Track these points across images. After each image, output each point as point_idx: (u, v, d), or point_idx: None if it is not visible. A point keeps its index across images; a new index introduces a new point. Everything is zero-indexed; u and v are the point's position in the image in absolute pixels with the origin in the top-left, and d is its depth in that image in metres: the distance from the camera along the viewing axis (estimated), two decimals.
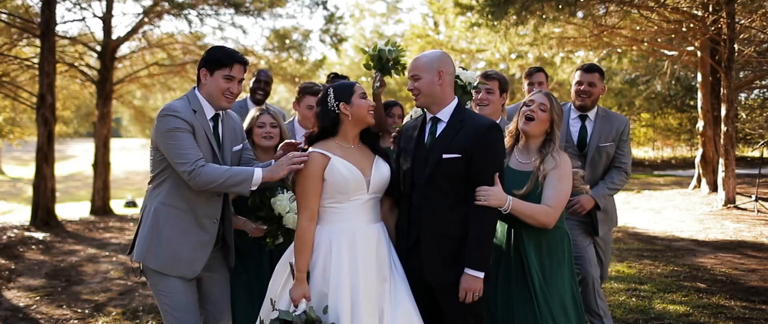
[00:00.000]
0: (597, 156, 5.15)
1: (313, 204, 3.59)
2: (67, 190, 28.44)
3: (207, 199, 3.90)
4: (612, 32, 14.98)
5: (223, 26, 18.38)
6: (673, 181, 21.42)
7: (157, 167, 3.88)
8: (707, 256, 9.30)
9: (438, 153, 3.66)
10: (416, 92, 3.80)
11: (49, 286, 8.52)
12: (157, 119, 3.77)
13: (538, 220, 3.74)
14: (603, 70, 5.34)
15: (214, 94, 3.86)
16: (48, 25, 13.84)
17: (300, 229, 3.58)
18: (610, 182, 5.14)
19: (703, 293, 7.21)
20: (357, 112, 3.68)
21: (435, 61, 3.78)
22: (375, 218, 3.72)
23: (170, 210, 3.86)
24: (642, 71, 23.01)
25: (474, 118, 3.78)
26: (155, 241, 3.84)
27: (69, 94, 19.88)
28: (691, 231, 11.49)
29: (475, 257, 3.57)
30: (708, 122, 16.38)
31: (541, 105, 3.98)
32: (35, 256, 10.71)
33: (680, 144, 31.40)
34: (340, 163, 3.59)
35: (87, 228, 14.19)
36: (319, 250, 3.58)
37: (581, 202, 4.95)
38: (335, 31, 20.24)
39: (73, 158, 41.46)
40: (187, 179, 3.67)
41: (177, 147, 3.67)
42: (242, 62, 3.90)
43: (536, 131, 3.98)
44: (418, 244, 3.72)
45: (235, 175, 3.69)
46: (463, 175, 3.64)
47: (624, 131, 5.21)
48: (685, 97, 26.11)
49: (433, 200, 3.66)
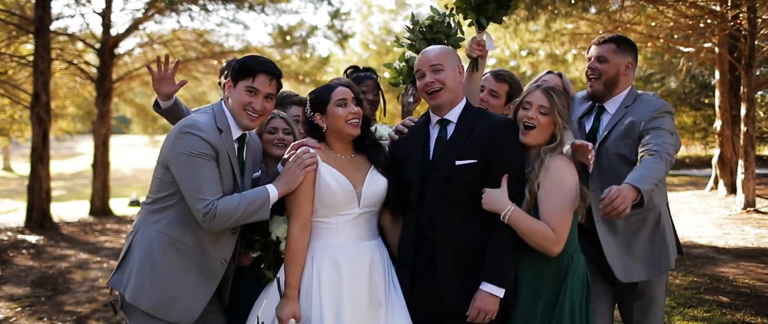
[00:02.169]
0: (609, 161, 3.66)
1: (305, 209, 3.19)
2: (73, 189, 28.22)
3: (219, 236, 3.28)
4: (626, 28, 14.50)
5: (225, 22, 18.00)
6: (688, 182, 20.98)
7: (163, 189, 3.23)
8: (728, 266, 8.88)
9: (450, 161, 3.23)
10: (438, 87, 3.30)
11: (33, 296, 8.25)
12: (176, 135, 3.13)
13: (537, 243, 3.15)
14: (628, 40, 3.90)
15: (235, 110, 3.26)
16: (42, 22, 13.51)
17: (291, 238, 3.18)
18: (645, 168, 3.28)
19: (727, 308, 6.79)
20: (333, 123, 3.27)
21: (451, 53, 3.37)
22: (368, 235, 3.31)
23: (171, 243, 3.21)
24: (656, 68, 22.52)
25: (486, 116, 3.36)
26: (149, 278, 3.19)
27: (70, 92, 19.55)
28: (709, 237, 11.08)
29: (493, 271, 3.12)
30: (726, 121, 15.92)
31: (541, 107, 3.31)
32: (24, 262, 10.48)
33: (694, 143, 30.89)
34: (327, 171, 3.20)
35: (83, 230, 13.91)
36: (304, 269, 3.20)
37: (621, 192, 3.03)
38: (341, 27, 19.87)
39: (81, 155, 41.34)
40: (202, 220, 3.07)
41: (197, 178, 3.07)
42: (270, 73, 3.25)
43: (539, 140, 3.35)
44: (431, 267, 3.25)
45: (252, 201, 3.12)
46: (479, 183, 3.21)
47: (653, 116, 3.59)
48: (700, 95, 25.63)
49: (447, 215, 3.22)
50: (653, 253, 3.72)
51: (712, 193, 16.81)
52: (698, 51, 16.62)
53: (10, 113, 17.97)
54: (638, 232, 3.69)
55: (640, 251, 3.70)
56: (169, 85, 3.84)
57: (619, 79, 3.78)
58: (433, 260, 3.23)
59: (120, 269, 3.29)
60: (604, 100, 3.82)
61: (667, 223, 3.81)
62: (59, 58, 16.19)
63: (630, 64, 3.81)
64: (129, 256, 3.27)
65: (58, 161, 34.78)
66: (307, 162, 3.14)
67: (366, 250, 3.26)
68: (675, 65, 20.44)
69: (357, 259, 3.21)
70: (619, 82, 3.79)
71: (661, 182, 3.65)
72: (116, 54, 17.32)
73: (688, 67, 19.12)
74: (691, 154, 31.14)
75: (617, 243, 3.67)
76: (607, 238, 3.65)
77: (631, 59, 3.82)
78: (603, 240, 3.64)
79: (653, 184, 3.19)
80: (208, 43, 18.70)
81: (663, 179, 3.43)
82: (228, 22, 18.16)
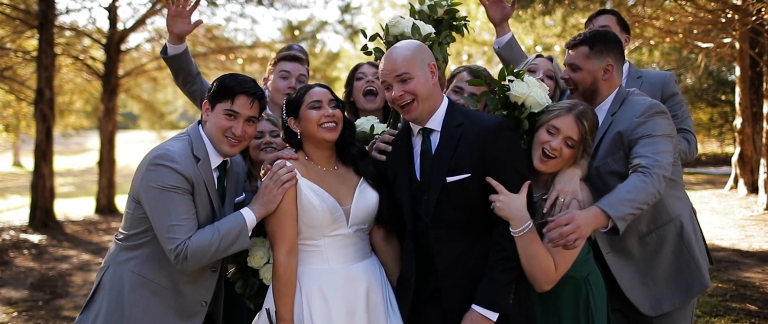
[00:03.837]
0: (603, 181, 3.15)
1: (290, 232, 2.82)
2: (82, 185, 28.11)
3: (198, 275, 2.96)
4: (644, 23, 14.12)
5: (234, 17, 17.78)
6: (706, 180, 20.61)
7: (136, 226, 2.91)
8: (754, 270, 8.55)
9: (440, 178, 2.79)
10: (409, 99, 2.83)
11: (30, 300, 8.05)
12: (147, 167, 2.80)
13: (533, 271, 2.75)
14: (606, 36, 3.34)
15: (214, 135, 2.92)
16: (46, 16, 13.29)
17: (278, 265, 2.82)
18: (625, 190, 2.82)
19: (756, 318, 6.47)
20: (305, 127, 2.91)
21: (419, 52, 2.86)
22: (361, 255, 2.95)
23: (145, 284, 2.90)
24: (674, 64, 22.15)
25: (474, 118, 2.86)
26: (117, 323, 2.88)
27: (76, 87, 19.35)
28: (732, 239, 10.73)
29: (487, 293, 2.72)
30: (746, 119, 15.53)
31: (569, 139, 2.89)
32: (25, 263, 10.30)
33: (710, 140, 30.45)
34: (308, 188, 2.83)
35: (87, 230, 13.73)
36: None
37: (576, 219, 2.64)
38: (352, 22, 19.65)
39: (90, 151, 41.34)
40: (174, 261, 2.75)
41: (168, 215, 2.74)
42: (250, 94, 2.90)
43: (555, 170, 2.97)
44: (436, 297, 2.87)
45: (227, 233, 2.79)
46: (479, 200, 2.78)
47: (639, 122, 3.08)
48: (718, 92, 25.24)
49: (446, 238, 2.83)
50: (682, 273, 3.26)
51: (731, 192, 16.43)
52: (718, 46, 16.27)
53: (17, 109, 17.78)
54: (658, 252, 3.24)
55: (665, 274, 3.25)
56: (184, 23, 3.68)
57: (598, 86, 3.25)
58: (438, 291, 2.85)
59: (87, 309, 2.97)
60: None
61: (693, 234, 3.34)
62: (65, 53, 15.98)
63: (610, 66, 3.24)
64: (97, 296, 2.95)
65: (67, 157, 34.76)
66: (284, 178, 2.79)
67: (360, 272, 2.90)
68: (693, 61, 20.09)
69: (350, 284, 2.86)
70: (600, 89, 3.26)
71: (675, 196, 3.25)
72: (123, 49, 17.08)
73: (706, 63, 18.76)
74: (708, 151, 30.69)
75: (635, 272, 3.21)
76: (622, 270, 3.19)
77: (611, 59, 3.25)
78: (617, 274, 3.18)
79: (634, 209, 2.76)
80: (217, 39, 18.47)
81: (652, 201, 2.87)
82: (236, 16, 17.95)
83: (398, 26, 3.43)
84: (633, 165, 2.93)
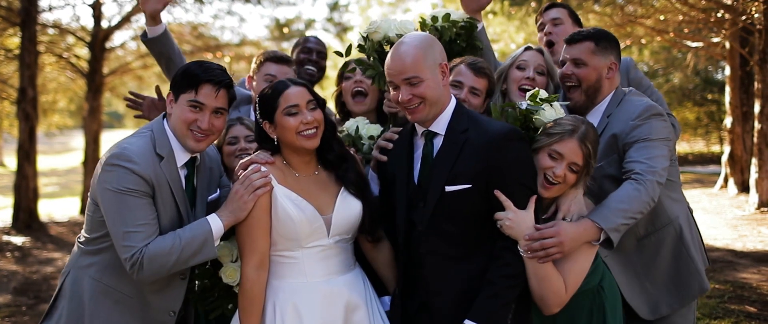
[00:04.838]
0: (599, 186, 3.08)
1: (261, 244, 2.61)
2: (67, 185, 27.69)
3: (165, 284, 2.75)
4: (635, 22, 14.09)
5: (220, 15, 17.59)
6: (694, 179, 20.62)
7: (96, 229, 2.71)
8: (749, 271, 8.53)
9: (438, 186, 2.61)
10: (417, 102, 2.64)
11: (13, 305, 7.84)
12: (102, 167, 2.60)
13: (543, 293, 2.62)
14: (608, 35, 3.25)
15: (178, 130, 2.68)
16: (28, 14, 12.99)
17: (246, 280, 2.60)
18: (618, 200, 2.80)
19: (756, 320, 6.45)
20: (283, 135, 2.67)
21: (430, 50, 2.66)
22: (343, 268, 2.74)
23: (107, 292, 2.71)
24: (662, 64, 22.21)
25: (481, 124, 2.68)
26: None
27: (60, 86, 19.06)
28: (725, 239, 10.71)
29: (482, 309, 2.53)
30: (736, 118, 15.56)
31: (574, 164, 2.73)
32: (8, 266, 10.06)
33: (696, 139, 30.61)
34: (285, 196, 2.61)
35: (72, 231, 13.46)
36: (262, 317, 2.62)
37: (560, 233, 2.62)
38: (340, 19, 19.49)
39: (75, 151, 40.93)
40: (129, 270, 2.54)
41: (123, 220, 2.53)
42: (216, 82, 2.65)
43: (558, 195, 2.82)
44: (425, 313, 2.69)
45: (189, 242, 2.56)
46: (478, 213, 2.60)
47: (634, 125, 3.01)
48: (705, 91, 25.36)
49: (439, 252, 2.64)
50: (680, 276, 3.17)
51: (721, 191, 16.43)
52: (708, 45, 16.27)
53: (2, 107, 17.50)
54: (657, 254, 3.15)
55: (664, 277, 3.17)
56: (156, 0, 3.59)
57: (601, 84, 3.16)
58: (426, 306, 2.67)
59: (48, 317, 2.77)
60: (586, 111, 3.20)
61: (692, 236, 3.26)
62: (48, 51, 15.69)
63: (613, 65, 3.17)
64: (58, 303, 2.76)
65: (52, 156, 34.32)
66: (257, 184, 2.57)
67: (341, 286, 2.69)
68: (681, 61, 20.13)
69: (328, 301, 2.64)
70: (603, 87, 3.17)
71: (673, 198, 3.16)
72: (107, 47, 16.78)
73: (695, 62, 18.80)
74: (695, 150, 30.84)
75: (633, 274, 3.12)
76: (620, 273, 3.07)
77: (614, 58, 3.17)
78: (615, 277, 3.04)
79: (627, 219, 2.72)
80: (203, 37, 18.23)
81: (646, 210, 2.83)
82: (223, 14, 17.75)
83: (379, 31, 3.28)
84: (626, 171, 2.88)
